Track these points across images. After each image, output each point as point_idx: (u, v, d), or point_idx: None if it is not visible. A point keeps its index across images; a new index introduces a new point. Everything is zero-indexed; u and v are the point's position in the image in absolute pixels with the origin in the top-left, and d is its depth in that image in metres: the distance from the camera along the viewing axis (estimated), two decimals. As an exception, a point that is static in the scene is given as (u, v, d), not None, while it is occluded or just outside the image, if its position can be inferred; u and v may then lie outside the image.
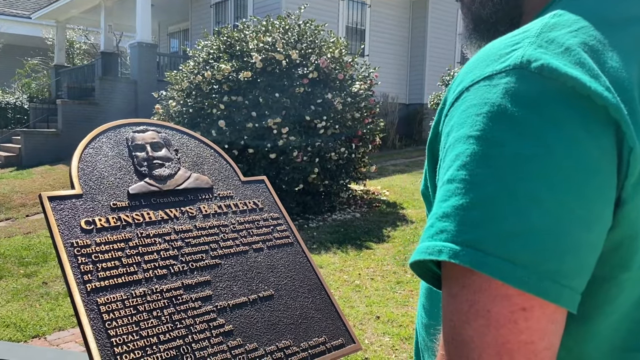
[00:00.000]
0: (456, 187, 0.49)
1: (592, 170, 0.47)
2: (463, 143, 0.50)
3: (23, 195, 8.45)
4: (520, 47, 0.52)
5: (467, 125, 0.50)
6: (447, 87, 0.63)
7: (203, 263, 1.31)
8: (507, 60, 0.51)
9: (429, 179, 0.63)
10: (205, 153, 1.57)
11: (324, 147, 6.05)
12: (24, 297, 3.84)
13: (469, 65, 0.57)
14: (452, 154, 0.51)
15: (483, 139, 0.48)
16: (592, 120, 0.47)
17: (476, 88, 0.52)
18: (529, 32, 0.54)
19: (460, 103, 0.53)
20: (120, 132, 1.46)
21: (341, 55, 6.46)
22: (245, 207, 1.51)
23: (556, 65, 0.49)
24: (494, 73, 0.51)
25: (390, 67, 13.01)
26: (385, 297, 3.87)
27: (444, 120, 0.56)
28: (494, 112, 0.49)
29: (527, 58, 0.50)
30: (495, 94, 0.50)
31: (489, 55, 0.54)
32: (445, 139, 0.54)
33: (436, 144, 0.59)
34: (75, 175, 1.30)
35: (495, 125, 0.48)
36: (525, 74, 0.49)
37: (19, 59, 18.37)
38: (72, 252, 1.16)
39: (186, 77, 6.34)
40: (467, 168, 0.48)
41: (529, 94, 0.48)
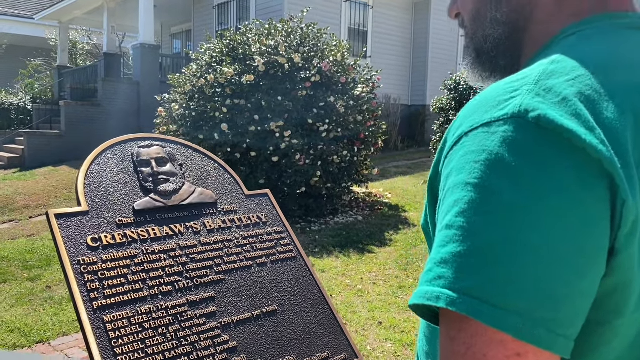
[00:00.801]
0: (454, 234, 0.50)
1: (586, 221, 0.48)
2: (461, 190, 0.51)
3: (26, 197, 8.48)
4: (518, 95, 0.53)
5: (466, 172, 0.52)
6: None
7: (207, 279, 1.32)
8: (506, 108, 0.53)
9: (429, 215, 0.65)
10: (210, 167, 1.58)
11: (326, 150, 6.06)
12: (28, 301, 3.87)
13: (468, 108, 0.58)
14: (451, 200, 0.52)
15: (481, 186, 0.50)
16: (587, 172, 0.49)
17: (475, 134, 0.53)
18: (528, 78, 0.55)
19: (459, 147, 0.55)
20: (126, 148, 1.47)
21: (343, 58, 6.47)
22: (249, 221, 1.52)
23: (553, 116, 0.50)
24: (493, 120, 0.53)
25: (393, 69, 13.02)
26: (387, 302, 3.88)
27: (444, 161, 0.58)
28: (491, 160, 0.50)
29: (525, 107, 0.51)
30: (493, 142, 0.51)
31: (488, 100, 0.55)
32: (445, 181, 0.56)
33: (436, 182, 0.61)
34: (81, 191, 1.31)
35: (492, 174, 0.50)
36: (522, 124, 0.51)
37: (22, 60, 18.43)
38: (78, 270, 1.18)
39: (189, 80, 6.35)
40: (465, 215, 0.50)
41: (526, 144, 0.50)
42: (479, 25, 0.73)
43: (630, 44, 0.59)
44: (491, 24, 0.71)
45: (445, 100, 6.24)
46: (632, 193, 0.49)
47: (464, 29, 0.78)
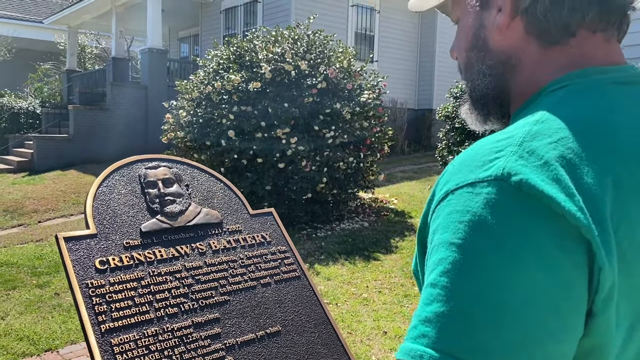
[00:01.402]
0: (438, 294, 0.53)
1: (565, 286, 0.50)
2: (446, 249, 0.54)
3: (35, 201, 8.56)
4: (502, 156, 0.55)
5: (451, 231, 0.54)
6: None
7: (212, 300, 1.34)
8: (490, 169, 0.55)
9: (419, 263, 0.67)
10: (215, 187, 1.61)
11: (332, 157, 6.09)
12: (37, 308, 3.91)
13: (455, 165, 0.60)
14: (436, 257, 0.55)
15: (463, 248, 0.52)
16: (566, 237, 0.51)
17: (460, 193, 0.55)
18: (512, 139, 0.57)
19: (445, 204, 0.57)
20: (133, 169, 1.50)
21: (350, 65, 6.49)
22: (254, 240, 1.55)
23: (534, 181, 0.52)
24: (477, 181, 0.55)
25: (399, 73, 13.02)
26: (392, 311, 3.89)
27: (432, 215, 0.60)
28: (474, 222, 0.52)
29: (508, 170, 0.53)
30: (476, 203, 0.53)
31: (474, 159, 0.58)
32: (432, 236, 0.58)
33: (425, 232, 0.63)
34: (89, 214, 1.34)
35: (475, 236, 0.52)
36: (505, 187, 0.53)
37: (31, 64, 18.60)
38: (87, 293, 1.21)
39: (196, 87, 6.40)
40: (448, 276, 0.52)
41: (507, 208, 0.52)
42: (469, 74, 0.75)
43: (617, 101, 0.60)
44: (478, 75, 0.73)
45: (451, 108, 6.24)
46: (609, 259, 0.51)
47: (460, 74, 0.81)
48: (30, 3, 20.89)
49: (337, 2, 11.75)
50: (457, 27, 0.78)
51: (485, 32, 0.71)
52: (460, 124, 6.13)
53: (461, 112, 0.81)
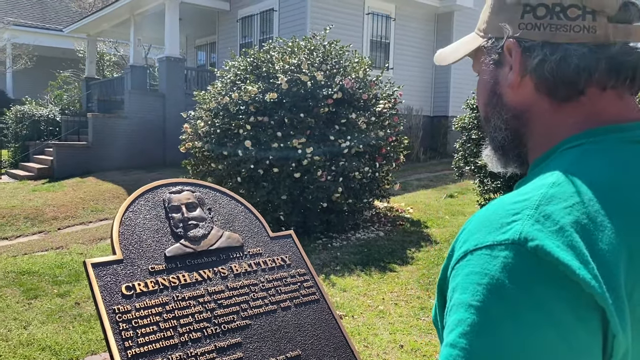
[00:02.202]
0: (457, 355, 0.55)
1: (579, 353, 0.52)
2: (465, 310, 0.56)
3: (55, 208, 8.70)
4: (519, 220, 0.57)
5: (469, 293, 0.57)
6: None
7: (234, 324, 1.37)
8: (507, 233, 0.57)
9: (439, 314, 0.70)
10: (237, 210, 1.64)
11: (347, 166, 6.11)
12: (58, 318, 3.99)
13: (474, 224, 0.62)
14: (456, 317, 0.57)
15: (481, 311, 0.55)
16: (581, 304, 0.52)
17: (479, 255, 0.58)
18: (528, 201, 0.59)
19: (464, 264, 0.59)
20: (158, 194, 1.54)
21: (365, 75, 6.52)
22: (274, 263, 1.58)
23: (550, 247, 0.54)
24: (495, 244, 0.57)
25: (415, 80, 13.01)
26: (409, 324, 3.89)
27: (451, 271, 0.63)
28: (492, 285, 0.55)
29: (525, 235, 0.56)
30: (494, 266, 0.56)
31: (492, 220, 0.60)
32: (452, 293, 0.60)
33: (444, 286, 0.65)
34: (116, 240, 1.38)
35: (492, 300, 0.54)
36: (522, 252, 0.55)
37: (51, 72, 18.94)
38: (114, 319, 1.25)
39: (214, 97, 6.48)
40: (467, 338, 0.55)
41: (524, 274, 0.54)
42: (487, 126, 0.80)
43: (632, 161, 0.62)
44: (495, 129, 0.77)
45: (467, 119, 6.23)
46: (623, 327, 0.52)
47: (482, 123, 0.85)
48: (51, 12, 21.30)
49: (353, 11, 11.80)
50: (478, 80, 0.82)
51: (500, 89, 0.74)
52: (477, 135, 6.11)
53: (483, 154, 0.84)
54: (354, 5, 11.81)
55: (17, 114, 13.74)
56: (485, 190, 6.37)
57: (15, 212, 8.24)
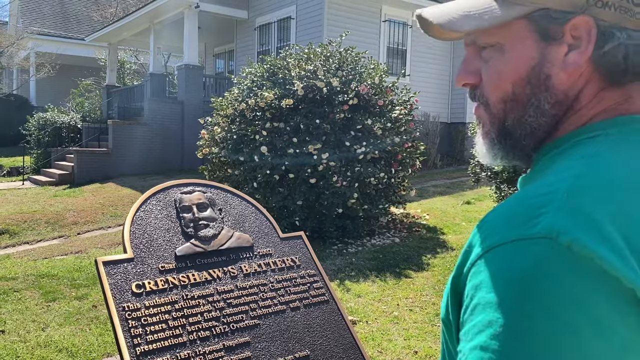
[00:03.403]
0: (489, 358, 0.51)
1: (621, 349, 0.49)
2: (494, 311, 0.52)
3: (75, 213, 8.84)
4: (548, 213, 0.54)
5: (498, 292, 0.53)
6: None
7: (243, 324, 1.38)
8: (537, 226, 0.53)
9: (452, 312, 0.65)
10: (247, 211, 1.65)
11: (363, 172, 6.10)
12: (75, 320, 4.04)
13: (496, 217, 0.58)
14: (484, 318, 0.53)
15: (515, 310, 0.51)
16: (620, 299, 0.49)
17: (505, 250, 0.54)
18: (556, 193, 0.55)
19: (489, 261, 0.55)
20: (169, 194, 1.56)
21: (381, 81, 6.52)
22: (284, 264, 1.58)
23: (584, 241, 0.50)
24: (524, 238, 0.53)
25: (432, 86, 12.97)
26: (424, 330, 3.86)
27: (470, 267, 0.58)
28: (524, 282, 0.51)
29: (557, 229, 0.52)
30: (525, 262, 0.52)
31: (516, 214, 0.56)
32: (473, 291, 0.56)
33: (459, 283, 0.61)
34: (127, 239, 1.40)
35: (525, 298, 0.51)
36: (554, 247, 0.51)
37: (73, 80, 19.30)
38: (123, 316, 1.26)
39: (231, 104, 6.54)
40: (499, 339, 0.51)
41: (558, 269, 0.51)
42: (513, 109, 0.69)
43: None
44: (534, 113, 0.68)
45: (483, 124, 6.18)
46: None
47: (479, 102, 0.73)
48: (73, 22, 21.75)
49: (370, 18, 11.83)
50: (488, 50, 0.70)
51: (550, 68, 0.65)
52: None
53: (477, 142, 0.76)
54: (370, 13, 11.84)
55: (40, 121, 14.02)
56: (502, 197, 6.31)
57: (37, 217, 8.39)
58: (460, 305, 0.60)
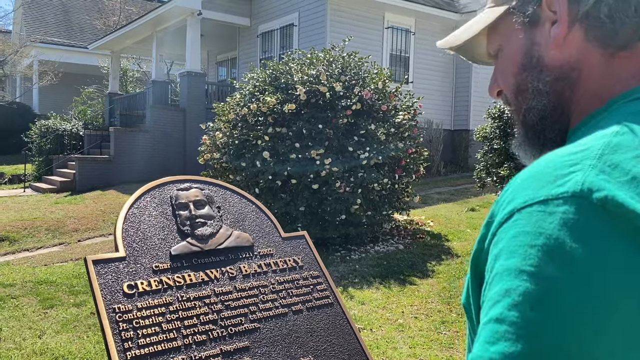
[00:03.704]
0: (506, 331, 0.45)
1: None
2: (514, 277, 0.46)
3: (76, 220, 8.77)
4: (579, 170, 0.48)
5: (519, 256, 0.46)
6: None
7: (242, 327, 1.29)
8: (565, 185, 0.47)
9: (472, 295, 0.59)
10: (247, 209, 1.57)
11: (366, 178, 6.02)
12: (73, 327, 3.95)
13: (520, 181, 0.53)
14: (501, 287, 0.47)
15: (538, 277, 0.44)
16: None
17: (529, 212, 0.48)
18: (589, 151, 0.50)
19: (510, 225, 0.49)
20: (165, 190, 1.48)
21: (385, 86, 6.45)
22: (285, 265, 1.50)
23: (622, 198, 0.44)
24: (550, 198, 0.47)
25: (435, 94, 12.91)
26: (429, 338, 3.75)
27: (491, 238, 0.52)
28: (550, 246, 0.45)
29: (589, 186, 0.46)
30: (551, 224, 0.46)
31: (544, 174, 0.50)
32: (493, 262, 0.50)
33: (480, 259, 0.55)
34: (119, 237, 1.32)
35: (552, 263, 0.44)
36: (586, 205, 0.45)
37: (76, 87, 19.33)
38: (113, 318, 1.18)
39: (233, 109, 6.47)
40: (518, 309, 0.44)
41: (591, 231, 0.44)
42: (522, 99, 0.69)
43: None
44: (533, 95, 0.67)
45: (489, 128, 6.11)
46: None
47: (508, 106, 0.75)
48: (76, 30, 21.83)
49: (373, 25, 11.80)
50: (498, 59, 0.73)
51: (540, 49, 0.65)
52: (499, 144, 5.98)
53: (513, 144, 0.75)
54: (373, 20, 11.81)
55: (42, 129, 13.99)
56: (508, 203, 6.21)
57: (37, 224, 8.32)
58: (481, 285, 0.53)
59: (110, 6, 22.03)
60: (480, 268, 0.56)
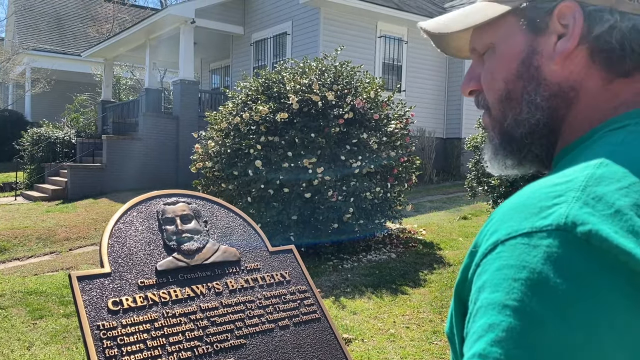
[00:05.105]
0: None
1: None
2: (498, 312, 0.45)
3: (67, 229, 8.71)
4: (563, 202, 0.47)
5: (503, 290, 0.46)
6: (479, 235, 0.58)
7: (228, 344, 1.29)
8: (549, 217, 0.47)
9: (455, 324, 0.58)
10: (234, 223, 1.57)
11: (359, 187, 6.03)
12: (62, 339, 3.91)
13: (503, 211, 0.52)
14: (485, 322, 0.46)
15: (521, 312, 0.44)
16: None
17: (513, 245, 0.47)
18: (573, 182, 0.49)
19: (494, 257, 0.49)
20: (151, 205, 1.48)
21: (377, 95, 6.48)
22: (272, 279, 1.49)
23: (606, 233, 0.44)
24: (534, 231, 0.47)
25: (427, 102, 12.97)
26: (421, 348, 3.75)
27: (475, 269, 0.52)
28: (533, 280, 0.44)
29: (573, 219, 0.45)
30: (535, 257, 0.45)
31: (527, 205, 0.50)
32: (477, 294, 0.49)
33: (464, 289, 0.55)
34: (104, 252, 1.32)
35: (535, 298, 0.44)
36: (570, 239, 0.45)
37: (68, 95, 19.26)
38: (97, 336, 1.17)
39: (225, 118, 6.48)
40: (502, 346, 0.44)
41: (575, 266, 0.44)
42: (510, 107, 0.66)
43: None
44: (528, 108, 0.64)
45: (480, 138, 6.15)
46: None
47: (483, 109, 0.71)
48: (69, 37, 21.78)
49: (365, 34, 11.86)
50: (485, 58, 0.69)
51: (540, 60, 0.62)
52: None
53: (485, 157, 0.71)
54: (366, 29, 11.88)
55: (34, 136, 13.92)
56: (500, 212, 6.23)
57: (28, 233, 8.26)
58: (464, 315, 0.53)
59: (103, 14, 22.03)
60: (463, 298, 0.55)
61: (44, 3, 22.39)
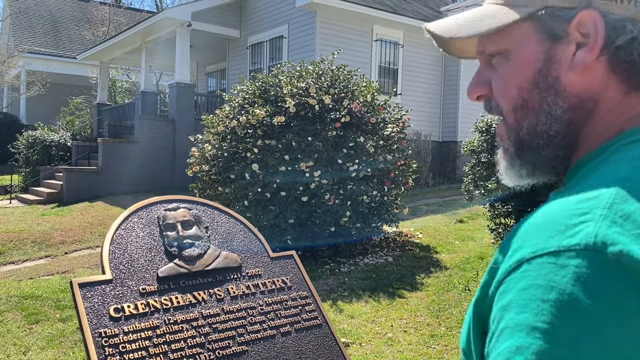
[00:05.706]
0: None
1: None
2: (527, 335, 0.44)
3: (62, 232, 8.68)
4: (590, 220, 0.47)
5: (531, 312, 0.45)
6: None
7: (229, 350, 1.29)
8: (577, 236, 0.46)
9: (473, 341, 0.57)
10: (235, 229, 1.57)
11: (355, 190, 6.03)
12: (58, 343, 3.89)
13: (528, 228, 0.51)
14: (512, 344, 0.45)
15: (552, 335, 0.43)
16: None
17: (539, 264, 0.46)
18: (598, 199, 0.48)
19: (519, 276, 0.48)
20: (152, 211, 1.47)
21: (374, 99, 6.49)
22: (274, 285, 1.49)
23: (638, 254, 0.43)
24: (562, 250, 0.46)
25: (423, 105, 13.01)
26: (418, 352, 3.75)
27: (497, 286, 0.51)
28: (564, 302, 0.43)
29: (602, 239, 0.45)
30: (564, 278, 0.44)
31: (552, 222, 0.49)
32: (500, 313, 0.48)
33: (484, 306, 0.54)
34: (106, 259, 1.31)
35: (567, 321, 0.43)
36: (600, 260, 0.44)
37: (64, 98, 19.20)
38: (99, 343, 1.17)
39: (222, 121, 6.47)
40: None
41: (606, 288, 0.43)
42: (525, 116, 0.64)
43: None
44: (547, 119, 0.63)
45: (476, 142, 6.16)
46: None
47: (496, 114, 0.69)
48: (65, 40, 21.72)
49: (361, 37, 11.89)
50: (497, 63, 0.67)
51: (558, 69, 0.61)
52: (487, 158, 6.02)
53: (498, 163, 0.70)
54: (362, 33, 11.90)
55: (29, 139, 13.87)
56: (496, 215, 6.25)
57: (23, 237, 8.22)
58: (484, 333, 0.52)
59: (99, 16, 21.98)
60: (483, 315, 0.54)
61: (39, 6, 22.33)
